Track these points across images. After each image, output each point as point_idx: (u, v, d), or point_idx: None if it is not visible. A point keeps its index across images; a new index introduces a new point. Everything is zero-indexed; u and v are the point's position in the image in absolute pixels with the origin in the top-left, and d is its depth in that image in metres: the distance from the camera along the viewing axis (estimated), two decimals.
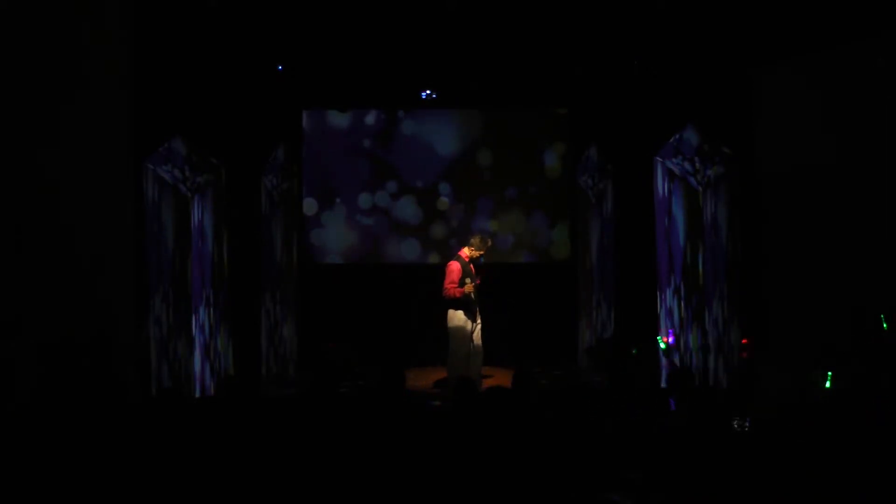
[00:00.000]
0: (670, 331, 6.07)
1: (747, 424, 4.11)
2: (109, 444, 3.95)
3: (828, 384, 5.53)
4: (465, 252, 7.33)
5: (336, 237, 9.49)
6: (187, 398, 6.51)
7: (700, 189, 7.00)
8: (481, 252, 7.29)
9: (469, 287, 7.12)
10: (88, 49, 5.60)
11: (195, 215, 6.94)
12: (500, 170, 9.48)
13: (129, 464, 3.72)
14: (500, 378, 7.50)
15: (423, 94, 9.11)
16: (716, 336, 6.96)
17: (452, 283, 7.12)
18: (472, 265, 7.28)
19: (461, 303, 7.18)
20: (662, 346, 6.03)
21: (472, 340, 7.26)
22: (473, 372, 7.25)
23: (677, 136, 7.04)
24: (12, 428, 4.41)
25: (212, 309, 7.01)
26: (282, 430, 4.20)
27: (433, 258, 9.31)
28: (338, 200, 9.48)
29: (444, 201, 9.49)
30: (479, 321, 7.34)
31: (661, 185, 7.14)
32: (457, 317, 7.20)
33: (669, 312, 7.15)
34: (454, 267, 7.20)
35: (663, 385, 6.72)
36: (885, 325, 5.88)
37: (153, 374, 6.63)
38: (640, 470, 3.65)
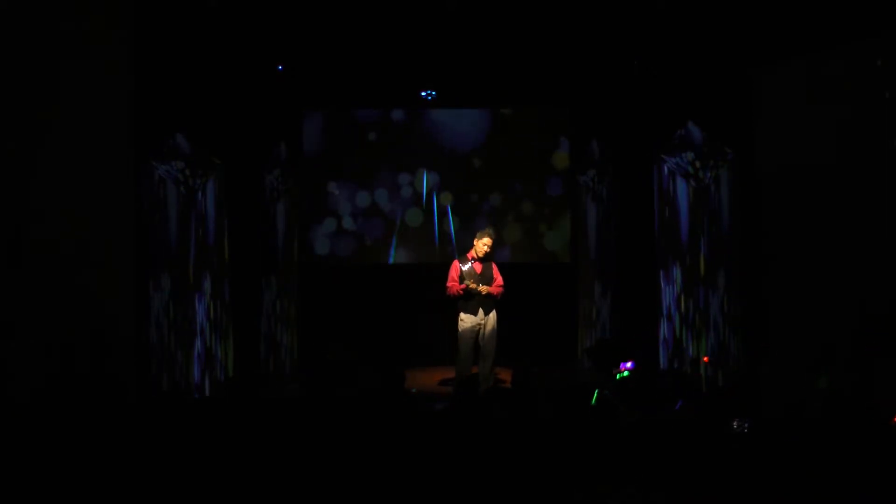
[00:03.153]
0: (627, 364, 6.11)
1: (746, 425, 4.11)
2: (109, 445, 3.96)
3: (828, 385, 5.53)
4: (471, 252, 7.33)
5: (336, 236, 9.50)
6: (187, 399, 6.52)
7: (700, 188, 7.01)
8: (486, 248, 7.23)
9: (471, 284, 7.11)
10: (88, 49, 5.60)
11: (196, 214, 6.94)
12: (501, 169, 9.48)
13: (128, 464, 3.73)
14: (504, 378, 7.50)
15: (424, 93, 9.12)
16: (716, 337, 6.97)
17: (453, 280, 7.21)
18: (476, 263, 7.27)
19: (463, 302, 7.21)
20: (621, 374, 6.04)
21: (479, 340, 7.24)
22: (483, 374, 7.22)
23: (678, 136, 7.06)
24: (12, 428, 4.41)
25: (212, 309, 7.03)
26: (281, 431, 4.20)
27: (434, 258, 9.30)
28: (338, 199, 9.47)
29: (447, 196, 9.49)
30: (488, 321, 7.29)
31: (661, 184, 7.15)
32: (459, 316, 7.26)
33: (669, 311, 7.17)
34: (453, 265, 7.30)
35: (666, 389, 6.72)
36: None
37: (153, 375, 6.64)
38: (638, 472, 3.65)
